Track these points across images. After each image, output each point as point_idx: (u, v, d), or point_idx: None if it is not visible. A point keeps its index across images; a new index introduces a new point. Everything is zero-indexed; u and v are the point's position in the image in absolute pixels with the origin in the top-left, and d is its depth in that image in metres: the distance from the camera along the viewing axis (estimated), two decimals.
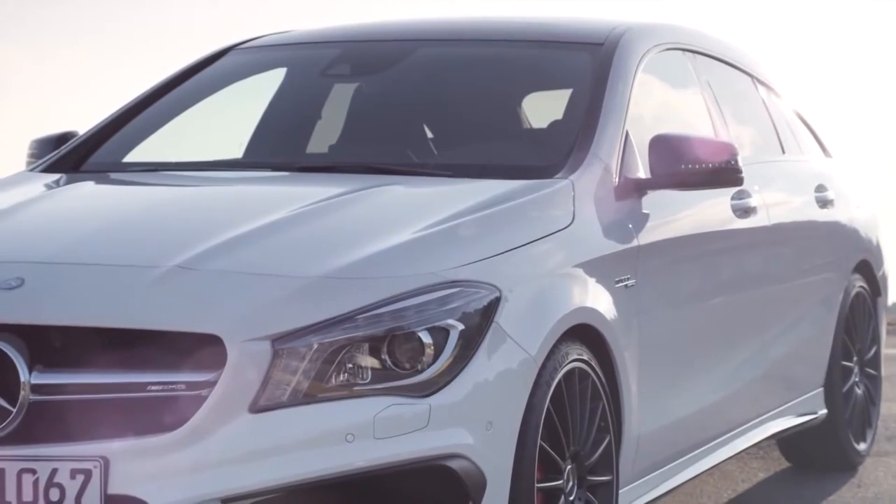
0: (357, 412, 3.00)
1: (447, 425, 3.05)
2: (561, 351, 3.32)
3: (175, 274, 3.10)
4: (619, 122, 3.93)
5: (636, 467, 3.74)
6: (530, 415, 3.20)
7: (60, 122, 7.12)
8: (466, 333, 3.11)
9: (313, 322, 3.03)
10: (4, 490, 2.93)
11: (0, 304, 3.05)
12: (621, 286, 3.66)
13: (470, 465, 3.06)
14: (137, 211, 3.55)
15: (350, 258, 3.16)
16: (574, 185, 3.68)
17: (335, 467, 2.97)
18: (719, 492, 4.91)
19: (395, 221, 3.36)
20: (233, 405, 2.96)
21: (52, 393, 2.98)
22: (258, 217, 3.35)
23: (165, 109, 4.38)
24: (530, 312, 3.27)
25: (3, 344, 2.99)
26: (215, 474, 2.94)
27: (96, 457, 2.94)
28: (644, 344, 3.74)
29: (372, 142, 4.24)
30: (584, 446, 3.45)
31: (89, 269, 3.15)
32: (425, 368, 3.06)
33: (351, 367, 3.03)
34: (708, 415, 4.21)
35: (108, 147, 4.24)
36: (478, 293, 3.17)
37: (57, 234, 3.36)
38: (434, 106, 4.27)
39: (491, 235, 3.36)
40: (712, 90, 4.61)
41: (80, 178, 3.99)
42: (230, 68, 4.52)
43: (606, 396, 3.52)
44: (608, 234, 3.70)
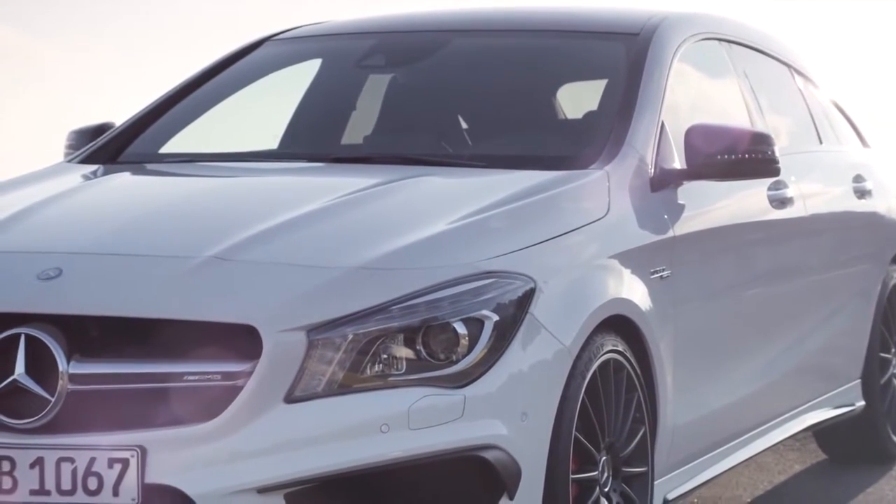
0: (392, 403, 3.01)
1: (482, 416, 3.05)
2: (596, 342, 3.31)
3: (211, 264, 3.11)
4: (654, 112, 3.92)
5: (671, 458, 3.74)
6: (565, 406, 3.19)
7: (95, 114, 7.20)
8: (501, 324, 3.11)
9: (348, 313, 3.03)
10: (44, 478, 2.96)
11: (38, 294, 3.07)
12: (656, 277, 3.65)
13: (505, 456, 3.06)
14: (174, 202, 3.57)
15: (385, 249, 3.17)
16: (609, 176, 3.67)
17: (370, 458, 2.98)
18: (755, 483, 4.90)
19: (429, 212, 3.36)
20: (268, 395, 2.97)
21: (90, 382, 3.00)
22: (293, 208, 3.36)
23: (201, 101, 4.40)
24: (565, 303, 3.26)
25: (42, 334, 3.01)
26: (251, 464, 2.95)
27: (133, 446, 2.96)
28: (679, 335, 3.72)
29: (406, 133, 4.24)
30: (619, 437, 3.44)
31: (126, 260, 3.17)
32: (460, 359, 3.06)
33: (386, 357, 3.04)
34: (743, 406, 4.20)
35: (145, 138, 4.26)
36: (512, 284, 3.17)
37: (94, 224, 3.38)
38: (469, 97, 4.27)
39: (526, 226, 3.35)
40: (749, 80, 4.59)
41: (117, 169, 4.02)
42: (265, 59, 4.53)
43: (641, 387, 3.51)
44: (643, 225, 3.68)
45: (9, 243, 3.29)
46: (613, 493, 3.43)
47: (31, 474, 2.97)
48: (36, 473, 2.97)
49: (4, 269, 3.19)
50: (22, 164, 4.33)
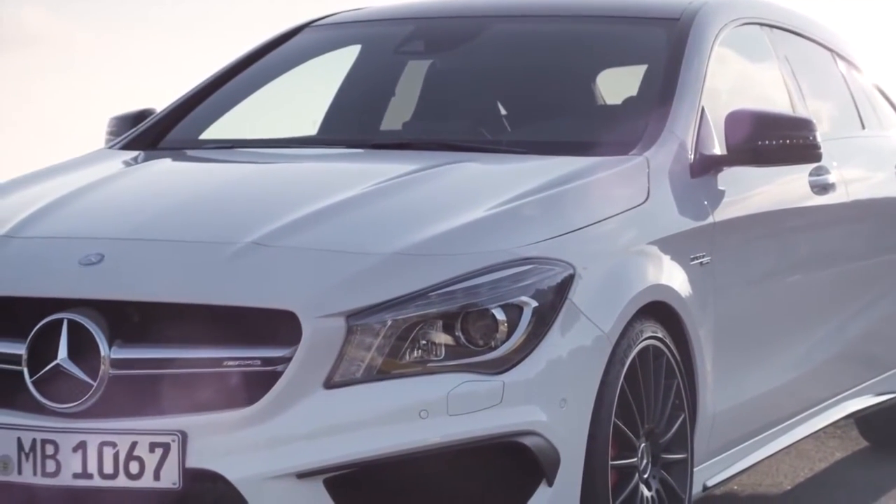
0: (431, 389, 3.01)
1: (521, 402, 3.05)
2: (635, 328, 3.30)
3: (251, 250, 3.13)
4: (694, 97, 3.90)
5: (711, 445, 3.72)
6: (604, 392, 3.19)
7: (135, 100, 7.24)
8: (540, 310, 3.11)
9: (387, 299, 3.04)
10: (86, 462, 2.99)
11: (80, 279, 3.10)
12: (696, 263, 3.64)
13: (544, 443, 3.06)
14: (214, 188, 3.59)
15: (424, 235, 3.17)
16: (649, 162, 3.65)
17: (409, 443, 2.98)
18: (796, 471, 4.87)
19: (468, 198, 3.36)
20: (308, 381, 2.98)
21: (131, 367, 3.03)
22: (332, 194, 3.36)
23: (241, 87, 4.41)
24: (604, 289, 3.25)
25: (84, 319, 3.04)
26: (290, 449, 2.97)
27: (174, 431, 2.98)
28: (719, 321, 3.71)
29: (445, 119, 4.23)
30: (658, 424, 3.43)
31: (167, 246, 3.18)
32: (499, 345, 3.06)
33: (424, 343, 3.04)
34: (784, 393, 4.18)
35: (185, 124, 4.28)
36: (552, 270, 3.16)
37: (135, 210, 3.40)
38: (508, 83, 4.26)
39: (564, 212, 3.35)
40: (790, 65, 4.55)
41: (158, 155, 4.04)
42: (305, 46, 4.54)
43: (681, 374, 3.50)
44: (683, 211, 3.67)
45: (51, 229, 3.32)
46: (653, 479, 3.42)
47: (73, 458, 2.99)
48: (79, 457, 2.99)
49: (47, 254, 3.22)
50: (63, 150, 4.38)
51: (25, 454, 3.01)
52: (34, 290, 3.12)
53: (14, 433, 3.02)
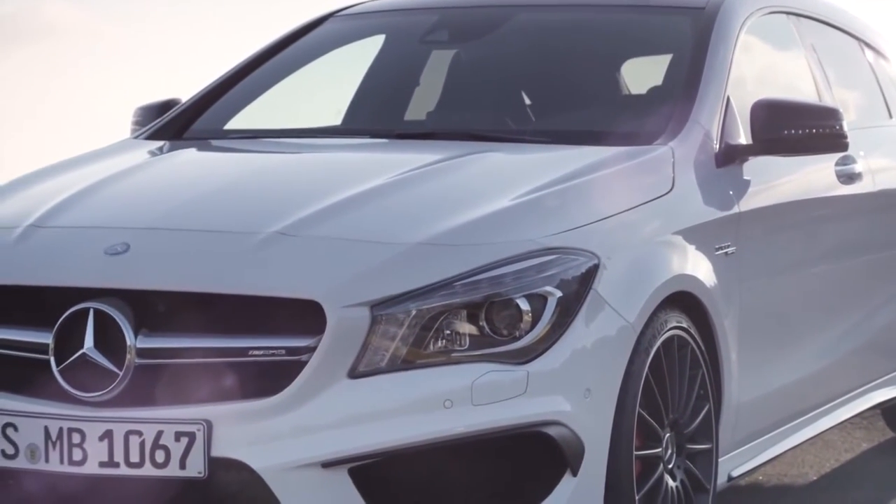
0: (455, 378, 3.01)
1: (545, 392, 3.05)
2: (660, 318, 3.30)
3: (275, 240, 3.13)
4: (720, 87, 3.88)
5: (736, 436, 3.71)
6: (629, 382, 3.18)
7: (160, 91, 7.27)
8: (564, 300, 3.10)
9: (412, 288, 3.04)
10: (113, 450, 3.00)
11: (106, 268, 3.11)
12: (721, 254, 3.63)
13: (568, 433, 3.06)
14: (238, 177, 3.59)
15: (448, 225, 3.17)
16: (674, 152, 3.64)
17: (433, 433, 2.99)
18: (821, 462, 4.86)
19: (493, 188, 3.35)
20: (332, 371, 2.99)
21: (157, 356, 3.04)
22: (357, 184, 3.37)
23: (266, 77, 4.42)
24: (629, 280, 3.25)
25: (110, 308, 3.05)
26: (315, 439, 2.97)
27: (200, 420, 2.99)
28: (744, 312, 3.70)
29: (470, 109, 4.23)
30: (683, 414, 3.42)
31: (192, 235, 3.19)
32: (523, 335, 3.06)
33: (449, 333, 3.04)
34: (809, 384, 4.16)
35: (211, 114, 4.29)
36: (576, 260, 3.16)
37: (161, 200, 3.41)
38: (532, 72, 4.25)
39: (589, 202, 3.34)
40: (816, 53, 4.52)
41: (183, 145, 4.05)
42: (329, 36, 4.54)
43: (706, 364, 3.49)
44: (708, 201, 3.65)
45: (77, 219, 3.33)
46: (677, 469, 3.42)
47: (100, 446, 3.01)
48: (105, 446, 3.01)
49: (73, 244, 3.23)
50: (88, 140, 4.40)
51: (52, 442, 3.03)
52: (60, 280, 3.13)
53: (41, 422, 3.04)
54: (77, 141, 9.86)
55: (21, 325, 3.13)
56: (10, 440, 3.06)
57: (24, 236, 3.28)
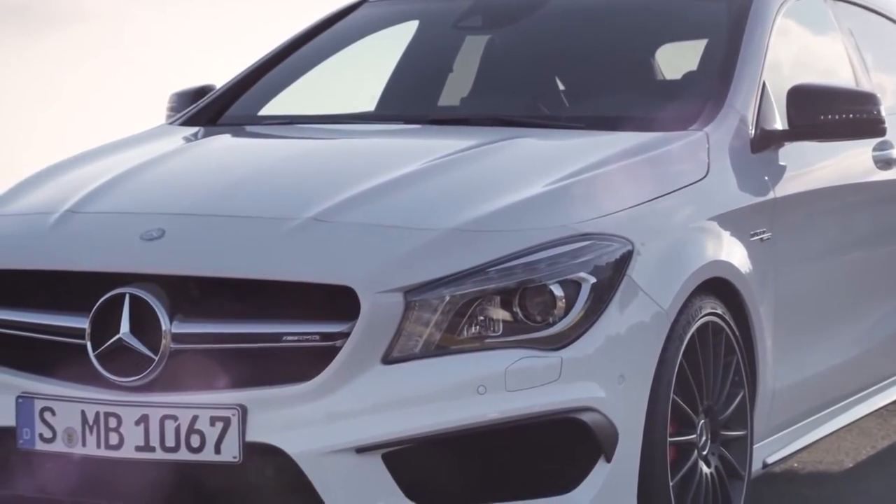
0: (488, 364, 3.01)
1: (579, 378, 3.05)
2: (694, 305, 3.29)
3: (309, 226, 3.14)
4: (755, 72, 3.86)
5: (771, 423, 3.70)
6: (663, 369, 3.17)
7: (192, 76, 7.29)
8: (598, 286, 3.10)
9: (445, 274, 3.04)
10: (149, 435, 3.02)
11: (142, 254, 3.13)
12: (756, 240, 3.61)
13: (602, 419, 3.06)
14: (273, 163, 3.60)
15: (482, 211, 3.17)
16: (709, 137, 3.62)
17: (467, 419, 2.99)
18: (857, 449, 4.83)
19: (526, 174, 3.35)
20: (366, 356, 3.00)
21: (192, 342, 3.05)
22: (391, 170, 3.37)
23: (300, 63, 4.42)
24: (663, 266, 3.24)
25: (145, 294, 3.07)
26: (349, 424, 2.98)
27: (234, 405, 3.00)
28: (780, 298, 3.68)
29: (503, 94, 4.22)
30: (717, 401, 3.41)
31: (227, 221, 3.21)
32: (557, 321, 3.06)
33: (482, 319, 3.04)
34: (845, 370, 4.14)
35: (245, 100, 4.30)
36: (610, 246, 3.15)
37: (196, 186, 3.43)
38: (566, 58, 4.23)
39: (623, 188, 3.33)
40: (854, 38, 4.49)
41: (218, 131, 4.06)
42: (363, 21, 4.54)
43: (741, 351, 3.47)
44: (743, 187, 3.64)
45: (113, 205, 3.35)
46: (712, 456, 3.41)
47: (136, 431, 3.03)
48: (141, 430, 3.03)
49: (108, 230, 3.25)
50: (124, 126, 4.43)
51: (89, 427, 3.06)
52: (96, 265, 3.15)
53: (78, 406, 3.07)
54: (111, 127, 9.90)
55: (58, 310, 3.16)
56: (47, 424, 3.08)
57: (61, 222, 3.30)
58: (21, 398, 3.11)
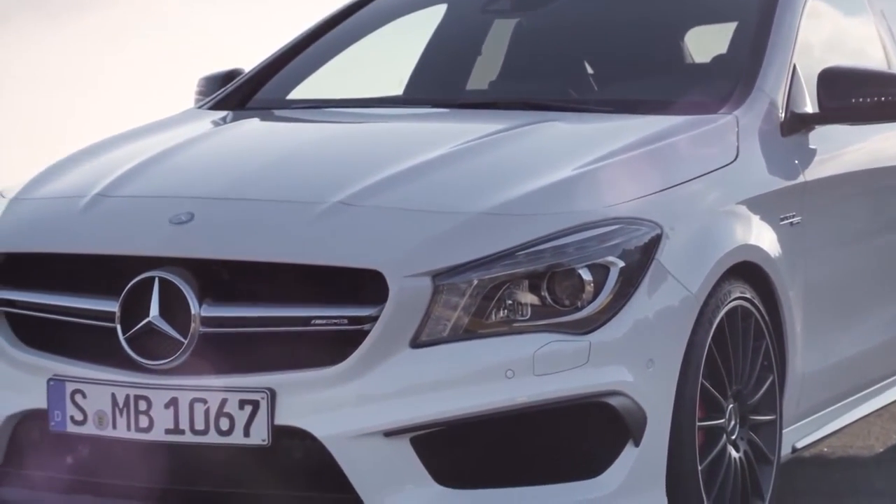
0: (517, 348, 3.01)
1: (607, 363, 3.04)
2: (723, 289, 3.27)
3: (337, 210, 3.14)
4: (786, 54, 3.83)
5: (801, 407, 3.69)
6: (691, 353, 3.17)
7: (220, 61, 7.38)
8: (627, 270, 3.09)
9: (474, 258, 3.04)
10: (178, 418, 3.04)
11: (171, 238, 3.14)
12: (786, 224, 3.59)
13: (630, 403, 3.05)
14: (301, 147, 3.61)
15: (510, 194, 3.16)
16: (738, 121, 3.61)
17: (495, 403, 2.99)
18: (888, 433, 4.81)
19: (555, 158, 3.34)
20: (394, 340, 3.00)
21: (221, 325, 3.06)
22: (419, 153, 3.37)
23: (328, 47, 4.42)
24: (692, 250, 3.22)
25: (174, 277, 3.08)
26: (378, 408, 2.99)
27: (263, 388, 3.01)
28: (809, 282, 3.66)
29: (532, 78, 4.21)
30: (746, 385, 3.40)
31: (255, 205, 3.21)
32: (585, 305, 3.06)
33: (511, 303, 3.04)
34: (875, 355, 4.12)
35: (273, 84, 4.31)
36: (639, 230, 3.14)
37: (224, 170, 3.44)
38: (595, 41, 4.22)
39: (652, 172, 3.32)
40: (886, 20, 4.45)
41: (246, 115, 4.07)
42: (391, 5, 4.54)
43: (770, 335, 3.46)
44: (773, 171, 3.62)
45: (142, 189, 3.37)
46: (741, 440, 3.40)
47: (165, 414, 3.05)
48: (171, 413, 3.05)
49: (138, 213, 3.27)
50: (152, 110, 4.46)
51: (119, 409, 3.07)
52: (126, 249, 3.17)
53: (108, 388, 3.08)
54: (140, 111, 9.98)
55: (88, 294, 3.17)
56: (78, 406, 3.10)
57: (91, 205, 3.32)
58: (52, 381, 3.13)
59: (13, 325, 3.24)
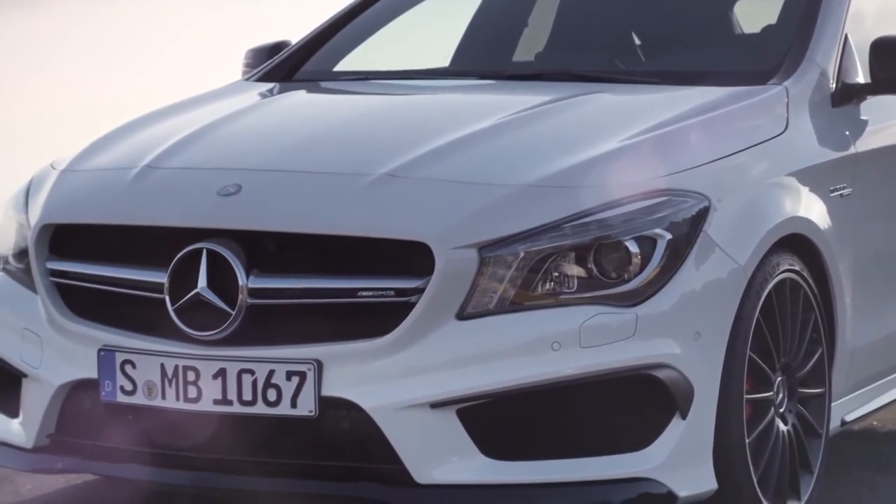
0: (563, 321, 3.01)
1: (654, 335, 3.03)
2: (772, 261, 3.25)
3: (384, 182, 3.15)
4: (837, 24, 3.79)
5: (850, 380, 3.66)
6: (739, 325, 3.15)
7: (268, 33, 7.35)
8: (674, 243, 3.08)
9: (520, 230, 3.04)
10: (226, 388, 3.06)
11: (219, 209, 3.16)
12: (836, 195, 3.56)
13: (677, 376, 3.05)
14: (348, 119, 3.61)
15: (557, 166, 3.15)
16: (788, 92, 3.57)
17: (541, 375, 2.99)
18: None
19: (602, 129, 3.33)
20: (440, 312, 3.01)
21: (268, 297, 3.08)
22: (465, 125, 3.36)
23: (375, 18, 4.42)
24: (740, 222, 3.20)
25: (222, 249, 3.10)
26: (424, 379, 3.00)
27: (310, 359, 3.03)
28: (859, 255, 3.63)
29: (578, 49, 4.19)
30: (794, 358, 3.38)
31: (302, 177, 3.22)
32: (632, 278, 3.05)
33: (557, 275, 3.04)
34: None
35: (320, 56, 4.31)
36: (686, 202, 3.13)
37: (271, 141, 3.45)
38: (642, 12, 4.19)
39: (700, 144, 3.30)
40: None
41: (293, 86, 4.08)
42: None
43: (819, 308, 3.44)
44: (823, 142, 3.58)
45: (190, 160, 3.38)
46: (789, 414, 3.38)
47: (214, 384, 3.07)
48: (219, 384, 3.07)
49: (186, 185, 3.29)
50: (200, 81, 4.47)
51: (168, 380, 3.10)
52: (174, 220, 3.19)
53: (158, 359, 3.11)
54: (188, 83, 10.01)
55: (137, 265, 3.20)
56: (128, 377, 3.14)
57: (140, 177, 3.34)
58: (102, 351, 3.17)
59: (64, 295, 3.27)
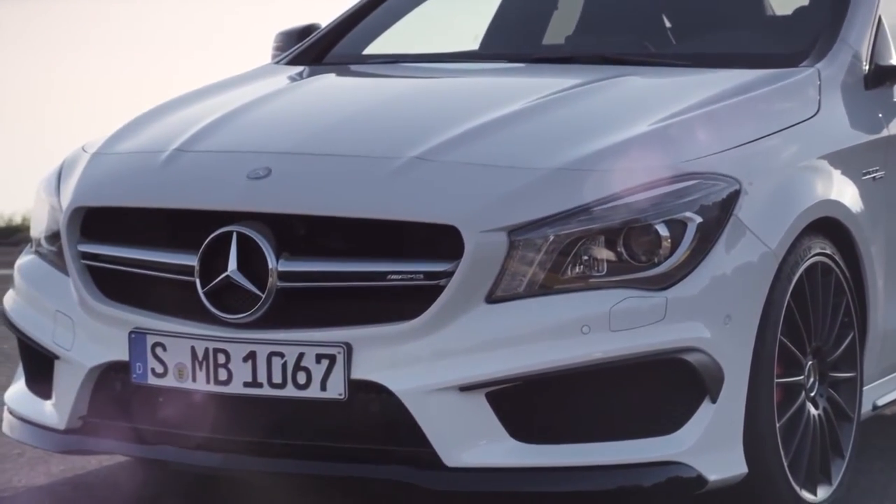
0: (593, 304, 3.00)
1: (684, 319, 3.03)
2: (803, 245, 3.24)
3: (413, 165, 3.15)
4: (871, 5, 3.75)
5: (882, 364, 3.64)
6: (770, 309, 3.14)
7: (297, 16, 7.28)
8: (704, 226, 3.06)
9: (549, 214, 3.03)
10: (256, 371, 3.07)
11: (249, 192, 3.17)
12: (869, 178, 3.53)
13: (707, 359, 3.04)
14: (377, 102, 3.61)
15: (587, 150, 3.14)
16: (820, 74, 3.55)
17: (571, 359, 2.99)
18: None
19: (632, 113, 3.31)
20: (470, 295, 3.01)
21: (298, 280, 3.09)
22: (495, 109, 3.35)
23: (404, 2, 4.41)
24: (771, 205, 3.19)
25: (252, 232, 3.11)
26: (453, 362, 3.00)
27: (340, 343, 3.04)
28: (892, 238, 3.60)
29: (608, 32, 4.17)
30: (826, 342, 3.37)
31: (332, 160, 3.23)
32: (662, 261, 3.04)
33: (586, 259, 3.03)
34: None
35: (349, 39, 4.31)
36: (716, 185, 3.11)
37: (301, 125, 3.45)
38: None
39: (731, 127, 3.28)
40: None
41: (323, 70, 4.08)
42: None
43: (851, 292, 3.42)
44: (856, 125, 3.56)
45: (220, 143, 3.39)
46: (820, 398, 3.37)
47: (244, 367, 3.09)
48: (249, 367, 3.08)
49: (216, 168, 3.30)
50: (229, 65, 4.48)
51: (199, 362, 3.12)
52: (204, 203, 3.20)
53: (188, 342, 3.13)
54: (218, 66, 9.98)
55: (167, 248, 3.21)
56: (159, 359, 3.15)
57: (170, 160, 3.35)
58: (134, 333, 3.18)
59: (96, 278, 3.29)
